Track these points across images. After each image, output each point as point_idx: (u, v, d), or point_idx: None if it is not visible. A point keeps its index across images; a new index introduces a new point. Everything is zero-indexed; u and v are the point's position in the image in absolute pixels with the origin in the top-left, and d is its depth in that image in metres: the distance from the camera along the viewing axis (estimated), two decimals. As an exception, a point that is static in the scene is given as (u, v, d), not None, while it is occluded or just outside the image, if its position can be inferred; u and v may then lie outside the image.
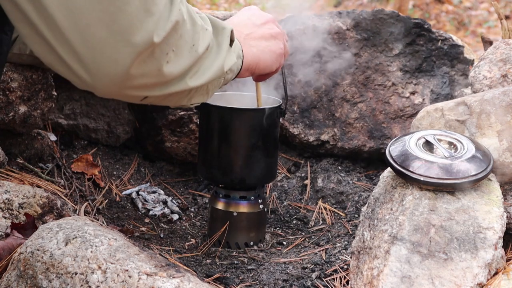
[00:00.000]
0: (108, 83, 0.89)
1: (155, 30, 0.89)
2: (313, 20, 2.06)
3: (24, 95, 1.60)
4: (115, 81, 0.90)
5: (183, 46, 0.97)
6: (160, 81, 0.96)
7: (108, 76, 0.88)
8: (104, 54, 0.86)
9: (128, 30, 0.86)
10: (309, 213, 1.85)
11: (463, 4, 7.17)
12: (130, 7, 0.86)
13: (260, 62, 1.31)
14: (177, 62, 0.97)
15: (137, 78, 0.91)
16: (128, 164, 1.99)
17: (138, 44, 0.87)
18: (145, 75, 0.92)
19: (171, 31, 0.92)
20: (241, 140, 1.57)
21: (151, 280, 1.11)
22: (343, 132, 2.00)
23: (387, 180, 1.38)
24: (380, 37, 2.02)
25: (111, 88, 0.91)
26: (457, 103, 1.46)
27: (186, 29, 0.97)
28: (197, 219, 1.82)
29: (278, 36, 1.36)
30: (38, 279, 1.16)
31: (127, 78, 0.90)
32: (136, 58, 0.88)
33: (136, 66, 0.89)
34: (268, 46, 1.33)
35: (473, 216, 1.23)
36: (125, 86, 0.92)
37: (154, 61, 0.91)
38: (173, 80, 0.98)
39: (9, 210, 1.46)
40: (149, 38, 0.88)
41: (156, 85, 0.97)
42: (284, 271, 1.48)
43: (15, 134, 1.71)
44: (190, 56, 1.00)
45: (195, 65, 1.02)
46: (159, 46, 0.90)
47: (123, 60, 0.87)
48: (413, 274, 1.13)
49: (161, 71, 0.94)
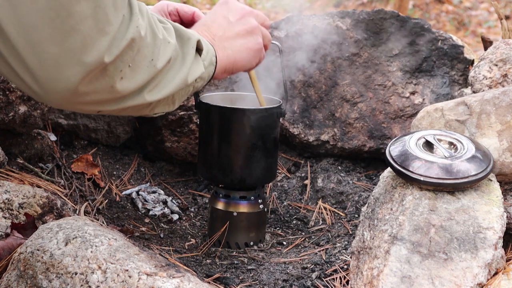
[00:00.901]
0: (59, 97, 0.89)
1: (107, 50, 0.88)
2: (313, 20, 2.06)
3: (24, 95, 1.60)
4: (65, 97, 0.89)
5: (141, 61, 0.96)
6: (114, 97, 0.95)
7: (58, 92, 0.88)
8: (55, 70, 0.86)
9: (79, 48, 0.86)
10: (309, 213, 1.85)
11: (463, 4, 7.17)
12: (83, 26, 0.85)
13: (237, 62, 1.28)
14: (133, 77, 0.95)
15: (88, 94, 0.91)
16: (128, 164, 1.99)
17: (88, 64, 0.87)
18: (96, 91, 0.92)
19: (125, 49, 0.91)
20: (241, 140, 1.57)
21: (151, 280, 1.11)
22: (343, 132, 2.00)
23: (387, 180, 1.38)
24: (380, 37, 2.02)
25: (63, 102, 0.91)
26: (457, 103, 1.46)
27: (145, 43, 0.96)
28: (197, 219, 1.82)
29: (255, 30, 1.32)
30: (38, 279, 1.16)
31: (76, 94, 0.89)
32: (85, 76, 0.88)
33: (86, 83, 0.89)
34: (245, 43, 1.29)
35: (473, 216, 1.23)
36: (76, 102, 0.92)
37: (106, 78, 0.91)
38: (129, 95, 0.97)
39: (9, 210, 1.46)
40: (100, 57, 0.87)
41: (110, 101, 0.96)
42: (284, 271, 1.48)
43: (15, 134, 1.71)
44: (148, 71, 0.98)
45: (154, 80, 1.01)
46: (112, 64, 0.90)
47: (72, 77, 0.87)
48: (413, 274, 1.13)
49: (114, 87, 0.93)
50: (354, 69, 2.02)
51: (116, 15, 0.89)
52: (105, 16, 0.87)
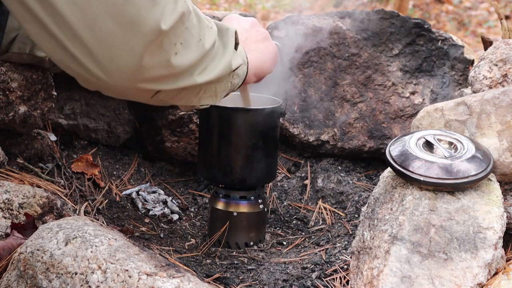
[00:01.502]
0: (121, 76, 0.90)
1: (161, 18, 0.90)
2: (313, 20, 2.06)
3: (24, 95, 1.60)
4: (128, 74, 0.90)
5: (190, 40, 0.98)
6: (170, 73, 0.97)
7: (120, 69, 0.89)
8: (115, 46, 0.87)
9: (135, 20, 0.87)
10: (309, 213, 1.85)
11: (463, 4, 7.17)
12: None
13: (264, 64, 1.33)
14: (185, 54, 0.98)
15: (148, 69, 0.92)
16: (128, 164, 1.99)
17: (146, 34, 0.88)
18: (155, 66, 0.93)
19: (177, 22, 0.93)
20: (241, 140, 1.57)
21: (151, 280, 1.11)
22: (343, 132, 2.00)
23: (387, 180, 1.38)
24: (380, 37, 2.02)
25: (124, 82, 0.92)
26: (457, 103, 1.46)
27: (192, 23, 0.98)
28: (197, 219, 1.82)
29: (268, 37, 1.38)
30: (38, 279, 1.16)
31: (138, 69, 0.91)
32: (146, 48, 0.89)
33: (147, 56, 0.90)
34: (265, 47, 1.35)
35: (473, 216, 1.23)
36: (137, 79, 0.92)
37: (163, 52, 0.92)
38: (183, 73, 0.99)
39: (9, 210, 1.46)
40: (157, 26, 0.89)
41: (167, 78, 0.97)
42: (284, 271, 1.48)
43: (15, 134, 1.71)
44: (198, 50, 1.01)
45: (203, 61, 1.03)
46: (167, 36, 0.91)
47: (133, 50, 0.88)
48: (413, 274, 1.13)
49: (170, 62, 0.95)
50: (354, 69, 2.02)
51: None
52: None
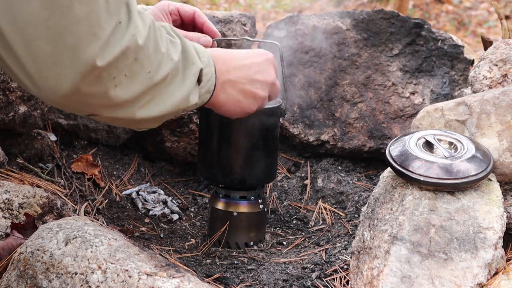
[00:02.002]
0: (53, 96, 0.90)
1: (98, 54, 0.88)
2: (313, 20, 2.06)
3: (24, 95, 1.60)
4: (59, 96, 0.90)
5: (138, 71, 0.95)
6: (107, 104, 0.95)
7: (52, 90, 0.89)
8: (49, 69, 0.87)
9: (72, 49, 0.86)
10: (309, 213, 1.85)
11: (463, 4, 7.17)
12: (76, 27, 0.86)
13: (224, 107, 1.26)
14: (129, 86, 0.95)
15: (82, 96, 0.91)
16: (128, 164, 1.99)
17: (80, 65, 0.87)
18: (90, 95, 0.92)
19: (119, 56, 0.91)
20: (241, 140, 1.57)
21: (151, 280, 1.11)
22: (343, 132, 2.00)
23: (387, 180, 1.38)
24: (380, 37, 2.02)
25: (57, 101, 0.91)
26: (457, 103, 1.46)
27: (145, 54, 0.95)
28: (197, 219, 1.82)
29: (260, 100, 1.30)
30: (38, 279, 1.16)
31: (71, 95, 0.90)
32: (80, 78, 0.88)
33: (81, 86, 0.89)
34: (243, 103, 1.27)
35: (473, 216, 1.23)
36: (70, 101, 0.92)
37: (99, 84, 0.91)
38: (122, 105, 0.97)
39: (9, 210, 1.46)
40: (92, 61, 0.88)
41: (102, 107, 0.96)
42: (284, 271, 1.48)
43: (15, 134, 1.71)
44: (144, 83, 0.97)
45: (148, 93, 0.99)
46: (105, 70, 0.90)
47: (66, 77, 0.88)
48: (413, 274, 1.13)
49: (107, 94, 0.93)
50: (354, 69, 2.02)
51: (109, 21, 0.89)
52: (97, 20, 0.87)
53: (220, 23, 2.02)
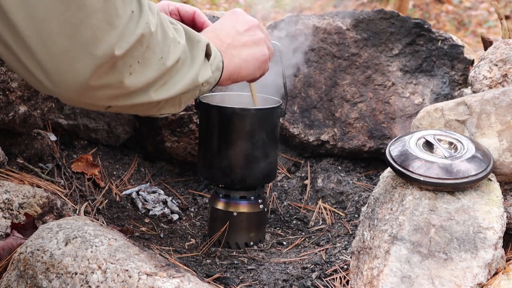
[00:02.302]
0: (69, 92, 0.90)
1: (117, 43, 0.88)
2: (313, 20, 2.06)
3: (24, 95, 1.60)
4: (76, 91, 0.90)
5: (151, 58, 0.97)
6: (122, 93, 0.96)
7: (69, 85, 0.89)
8: (65, 64, 0.87)
9: (89, 42, 0.86)
10: (309, 213, 1.85)
11: (463, 4, 7.17)
12: (92, 19, 0.86)
13: (242, 70, 1.30)
14: (142, 73, 0.96)
15: (98, 89, 0.92)
16: (128, 164, 1.99)
17: (99, 57, 0.87)
18: (106, 86, 0.92)
19: (135, 44, 0.92)
20: (241, 140, 1.57)
21: (151, 280, 1.11)
22: (343, 132, 2.00)
23: (387, 180, 1.38)
24: (380, 37, 2.02)
25: (73, 96, 0.91)
26: (457, 103, 1.46)
27: (156, 40, 0.97)
28: (197, 219, 1.82)
29: (261, 42, 1.35)
30: (38, 279, 1.16)
31: (87, 88, 0.90)
32: (96, 70, 0.88)
33: (97, 77, 0.89)
34: (252, 53, 1.32)
35: (473, 216, 1.23)
36: (86, 96, 0.92)
37: (116, 73, 0.92)
38: (136, 92, 0.98)
39: (9, 210, 1.46)
40: (110, 51, 0.88)
41: (118, 96, 0.96)
42: (284, 271, 1.48)
43: (15, 134, 1.71)
44: (157, 68, 0.99)
45: (162, 78, 1.01)
46: (121, 58, 0.90)
47: (83, 71, 0.88)
48: (413, 274, 1.13)
49: (123, 83, 0.94)
50: (354, 69, 2.02)
51: (124, 10, 0.89)
52: (114, 10, 0.88)
53: (220, 23, 2.02)
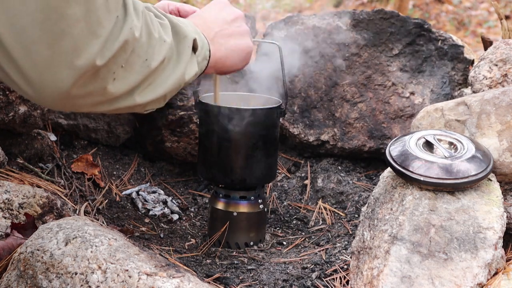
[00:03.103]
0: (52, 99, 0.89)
1: (99, 53, 0.87)
2: (313, 20, 2.06)
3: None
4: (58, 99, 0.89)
5: (135, 62, 0.95)
6: (106, 99, 0.95)
7: (51, 94, 0.88)
8: (47, 73, 0.86)
9: (70, 52, 0.85)
10: (309, 213, 1.85)
11: (463, 4, 7.17)
12: (74, 29, 0.84)
13: (227, 60, 1.29)
14: (126, 78, 0.95)
15: (81, 97, 0.91)
16: (128, 164, 1.99)
17: (79, 67, 0.86)
18: (89, 94, 0.91)
19: (118, 51, 0.90)
20: (241, 140, 1.57)
21: (151, 280, 1.11)
22: (343, 132, 2.00)
23: (387, 180, 1.38)
24: (380, 37, 2.02)
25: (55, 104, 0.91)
26: (457, 103, 1.46)
27: (140, 44, 0.95)
28: (197, 219, 1.82)
29: (246, 34, 1.34)
30: (38, 279, 1.16)
31: (69, 97, 0.89)
32: (78, 79, 0.87)
33: (79, 86, 0.88)
34: (237, 44, 1.31)
35: (473, 216, 1.23)
36: (69, 104, 0.91)
37: (98, 80, 0.90)
38: (121, 97, 0.97)
39: (9, 210, 1.46)
40: (91, 61, 0.87)
41: (102, 102, 0.95)
42: (284, 271, 1.48)
43: (15, 134, 1.71)
44: (141, 71, 0.98)
45: (147, 80, 1.00)
46: (104, 66, 0.89)
47: (65, 80, 0.87)
48: (413, 274, 1.13)
49: (106, 89, 0.93)
50: (354, 69, 2.02)
51: (108, 18, 0.88)
52: (97, 19, 0.86)
53: (220, 23, 2.02)
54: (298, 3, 7.52)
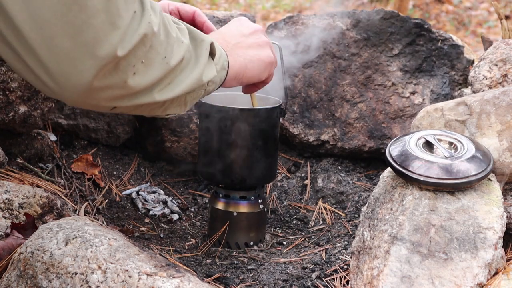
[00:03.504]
0: (74, 93, 0.90)
1: (119, 43, 0.89)
2: (313, 20, 2.06)
3: (24, 95, 1.60)
4: (80, 92, 0.90)
5: (154, 58, 0.97)
6: (126, 93, 0.96)
7: (73, 86, 0.89)
8: (69, 65, 0.87)
9: (92, 43, 0.86)
10: (309, 213, 1.85)
11: (463, 4, 7.17)
12: (95, 20, 0.86)
13: (247, 71, 1.30)
14: (146, 73, 0.96)
15: (102, 89, 0.92)
16: (128, 164, 1.99)
17: (101, 57, 0.88)
18: (110, 86, 0.92)
19: (138, 44, 0.92)
20: (241, 140, 1.57)
21: (151, 280, 1.11)
22: (343, 132, 2.00)
23: (387, 180, 1.38)
24: (380, 37, 2.02)
25: (78, 98, 0.92)
26: (457, 103, 1.46)
27: (159, 40, 0.97)
28: (197, 219, 1.82)
29: (266, 45, 1.36)
30: (38, 279, 1.16)
31: (91, 89, 0.90)
32: (99, 70, 0.89)
33: (100, 78, 0.90)
34: (257, 54, 1.32)
35: (473, 216, 1.23)
36: (90, 97, 0.92)
37: (119, 73, 0.92)
38: (141, 92, 0.98)
39: (9, 210, 1.46)
40: (113, 51, 0.88)
41: (123, 97, 0.97)
42: (284, 271, 1.48)
43: (15, 134, 1.71)
44: (161, 68, 0.99)
45: (166, 78, 1.02)
46: (124, 58, 0.91)
47: (86, 72, 0.88)
48: (413, 274, 1.13)
49: (127, 82, 0.94)
50: (354, 69, 2.02)
51: (127, 10, 0.90)
52: (116, 10, 0.88)
53: (220, 23, 2.02)
54: (298, 3, 7.52)
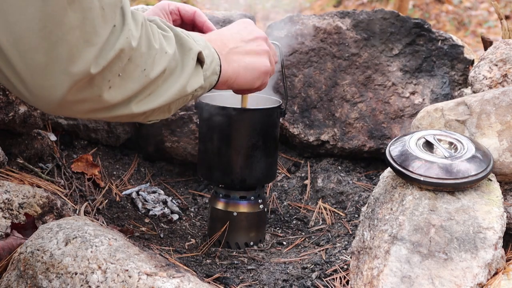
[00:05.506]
0: (49, 104, 0.91)
1: (94, 60, 0.88)
2: (313, 20, 2.06)
3: (24, 95, 1.60)
4: (55, 104, 0.90)
5: (133, 71, 0.96)
6: (101, 106, 0.96)
7: (47, 98, 0.89)
8: (43, 78, 0.87)
9: (66, 58, 0.87)
10: (309, 213, 1.85)
11: (463, 4, 7.17)
12: (70, 36, 0.86)
13: (239, 77, 1.28)
14: (123, 87, 0.96)
15: (77, 102, 0.92)
16: (128, 164, 1.99)
17: (74, 73, 0.88)
18: (84, 100, 0.92)
19: (114, 59, 0.91)
20: (241, 140, 1.57)
21: (151, 280, 1.11)
22: (343, 132, 2.00)
23: (387, 180, 1.38)
24: (380, 37, 2.02)
25: (52, 109, 0.92)
26: (457, 103, 1.46)
27: (139, 53, 0.96)
28: (197, 219, 1.82)
29: (265, 54, 1.33)
30: (38, 279, 1.16)
31: (65, 102, 0.90)
32: (72, 85, 0.89)
33: (73, 93, 0.90)
34: (252, 62, 1.30)
35: (473, 216, 1.23)
36: (65, 108, 0.93)
37: (94, 87, 0.92)
38: (117, 105, 0.97)
39: (9, 210, 1.46)
40: (86, 68, 0.88)
41: (98, 110, 0.96)
42: (284, 271, 1.48)
43: (15, 134, 1.71)
44: (139, 81, 0.98)
45: (146, 89, 1.00)
46: (99, 74, 0.90)
47: (60, 86, 0.88)
48: (413, 274, 1.13)
49: (102, 97, 0.94)
50: (354, 69, 2.02)
51: (104, 27, 0.89)
52: (92, 27, 0.88)
53: (220, 23, 2.02)
54: (298, 3, 7.52)
